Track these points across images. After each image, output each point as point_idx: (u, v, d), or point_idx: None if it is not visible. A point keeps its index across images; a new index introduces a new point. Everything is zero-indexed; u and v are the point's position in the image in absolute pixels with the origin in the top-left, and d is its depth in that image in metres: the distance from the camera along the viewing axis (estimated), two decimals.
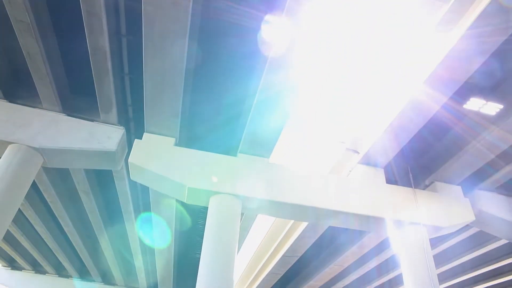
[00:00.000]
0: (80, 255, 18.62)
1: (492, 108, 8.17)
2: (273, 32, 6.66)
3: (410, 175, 9.94)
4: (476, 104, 8.16)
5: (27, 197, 13.28)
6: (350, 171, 9.92)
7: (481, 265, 14.66)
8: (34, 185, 12.51)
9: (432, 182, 10.18)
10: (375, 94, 8.84)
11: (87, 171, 11.38)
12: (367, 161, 9.67)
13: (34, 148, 8.23)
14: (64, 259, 19.26)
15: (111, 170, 10.62)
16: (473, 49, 6.67)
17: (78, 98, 9.28)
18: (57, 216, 14.49)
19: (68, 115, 8.91)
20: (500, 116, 8.19)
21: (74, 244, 17.13)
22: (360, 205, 9.04)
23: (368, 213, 8.96)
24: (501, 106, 8.04)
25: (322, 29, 7.01)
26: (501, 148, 8.73)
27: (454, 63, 6.93)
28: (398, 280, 17.08)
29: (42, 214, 14.84)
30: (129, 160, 8.28)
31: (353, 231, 13.89)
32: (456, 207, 9.80)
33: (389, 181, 9.97)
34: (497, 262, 14.05)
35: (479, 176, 10.23)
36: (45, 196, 12.95)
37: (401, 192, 9.68)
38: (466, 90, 8.00)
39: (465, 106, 8.27)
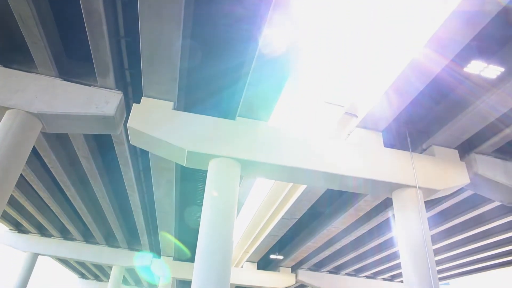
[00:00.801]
0: (83, 219, 19.07)
1: (493, 71, 8.07)
2: None
3: (408, 139, 10.00)
4: (477, 67, 8.05)
5: (29, 162, 13.44)
6: (348, 134, 9.97)
7: (473, 226, 15.11)
8: (35, 151, 12.61)
9: (429, 146, 10.27)
10: (375, 57, 8.71)
11: (86, 136, 11.42)
12: (366, 125, 9.69)
13: (32, 114, 8.20)
14: (68, 223, 19.76)
15: (110, 135, 10.66)
16: (476, 11, 6.50)
17: (74, 63, 9.13)
18: (58, 181, 14.71)
19: (65, 79, 8.78)
20: (501, 79, 8.12)
21: (77, 208, 17.51)
22: (357, 168, 9.15)
23: (365, 176, 9.09)
24: (502, 69, 7.95)
25: None
26: (500, 111, 8.71)
27: (456, 25, 6.76)
28: (393, 241, 17.65)
29: (44, 179, 15.05)
30: (128, 124, 8.29)
31: (351, 194, 14.17)
32: (452, 171, 9.95)
33: (387, 144, 10.06)
34: (489, 223, 14.47)
35: (477, 139, 10.31)
36: (46, 161, 13.07)
37: (399, 156, 9.79)
38: (467, 53, 7.88)
39: (465, 69, 8.17)
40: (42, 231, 22.65)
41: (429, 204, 13.44)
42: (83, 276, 39.24)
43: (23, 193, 16.20)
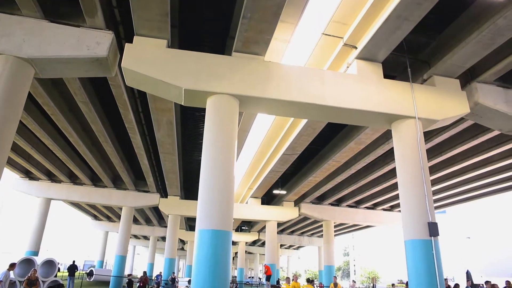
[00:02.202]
0: (89, 163, 19.52)
1: None
2: None
3: (409, 69, 9.78)
4: None
5: (29, 111, 13.45)
6: (347, 66, 9.75)
7: (472, 156, 15.38)
8: (33, 99, 12.56)
9: (430, 76, 10.09)
10: None
11: (82, 81, 11.27)
12: (365, 56, 9.41)
13: (23, 59, 7.98)
14: (75, 168, 20.26)
15: (106, 78, 10.51)
16: None
17: (59, 2, 8.68)
18: (60, 128, 14.82)
19: (52, 21, 8.40)
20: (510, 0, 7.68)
21: (81, 154, 17.85)
22: (357, 100, 9.09)
23: (364, 108, 9.05)
24: None
25: None
26: (506, 36, 8.37)
27: None
28: (393, 173, 18.11)
29: (46, 127, 15.16)
30: (122, 65, 8.09)
31: (351, 128, 14.27)
32: (452, 100, 9.87)
33: (387, 76, 9.88)
34: (487, 152, 14.71)
35: (479, 68, 10.09)
36: (45, 109, 13.07)
37: (399, 87, 9.66)
38: None
39: None
40: (52, 177, 23.33)
41: (429, 135, 13.57)
42: (95, 218, 41.23)
43: (28, 142, 16.42)
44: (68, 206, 32.88)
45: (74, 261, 21.30)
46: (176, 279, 24.71)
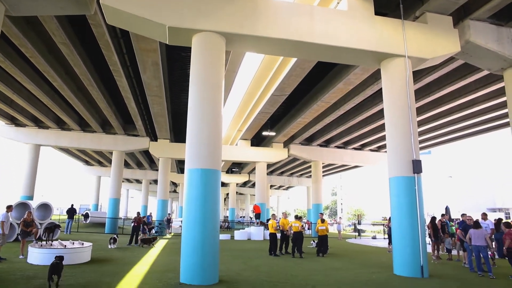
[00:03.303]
0: (76, 108, 19.18)
1: None
2: None
3: (401, 5, 9.45)
4: None
5: (6, 54, 12.88)
6: (338, 2, 9.37)
7: (459, 97, 15.50)
8: (10, 42, 11.94)
9: (423, 13, 9.79)
10: None
11: (60, 20, 10.66)
12: None
13: None
14: (61, 113, 19.93)
15: (86, 18, 9.97)
16: None
17: None
18: (42, 72, 14.29)
19: None
20: None
21: (67, 98, 17.44)
22: (347, 38, 8.87)
23: (354, 46, 8.87)
24: None
25: None
26: None
27: None
28: (381, 114, 18.26)
29: (27, 71, 14.63)
30: (101, 1, 7.62)
31: (340, 68, 14.10)
32: (443, 39, 9.69)
33: (379, 13, 9.55)
34: (474, 92, 14.81)
35: (473, 4, 9.78)
36: (23, 51, 12.48)
37: (390, 24, 9.40)
38: None
39: None
40: (39, 123, 23.00)
41: (418, 75, 13.51)
42: (87, 163, 41.51)
43: (8, 87, 15.91)
44: (59, 152, 32.87)
45: (72, 205, 21.77)
46: (171, 220, 25.62)
